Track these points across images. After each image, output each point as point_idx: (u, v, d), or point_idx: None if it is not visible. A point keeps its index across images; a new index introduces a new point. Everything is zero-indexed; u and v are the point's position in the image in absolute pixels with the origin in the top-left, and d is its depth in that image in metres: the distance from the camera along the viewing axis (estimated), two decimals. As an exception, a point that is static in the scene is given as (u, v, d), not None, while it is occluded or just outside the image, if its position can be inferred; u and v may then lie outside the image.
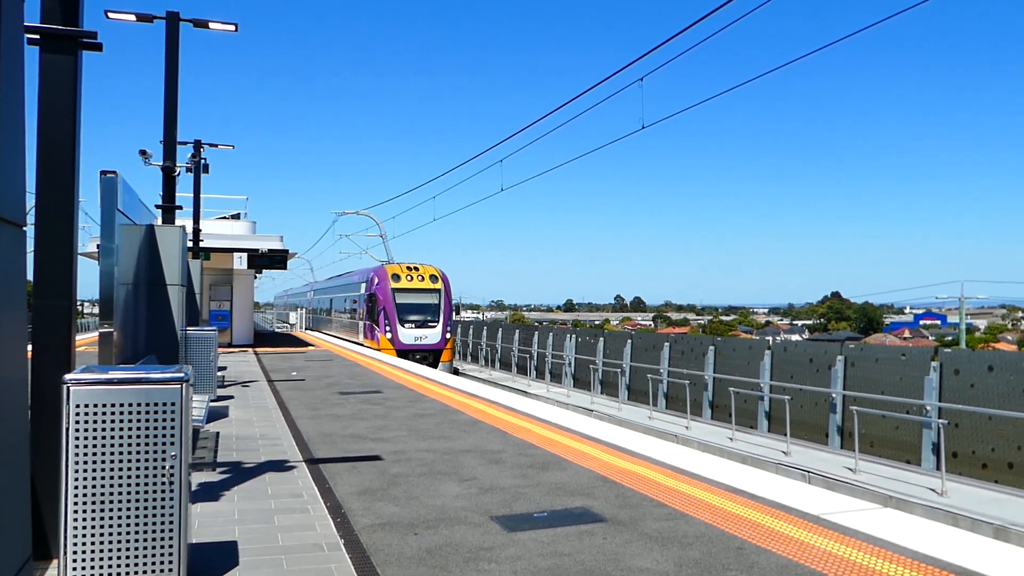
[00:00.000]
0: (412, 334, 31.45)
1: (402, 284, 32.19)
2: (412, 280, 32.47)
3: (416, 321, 31.68)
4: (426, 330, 31.63)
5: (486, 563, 5.31)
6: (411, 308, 31.89)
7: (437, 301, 32.39)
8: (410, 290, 32.20)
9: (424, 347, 31.31)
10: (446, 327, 32.14)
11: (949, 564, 5.26)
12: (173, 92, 13.32)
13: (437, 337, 31.82)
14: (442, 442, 9.93)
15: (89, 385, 4.49)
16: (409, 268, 33.03)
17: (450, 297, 33.10)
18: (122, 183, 7.09)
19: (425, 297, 32.34)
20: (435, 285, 32.76)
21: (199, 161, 20.42)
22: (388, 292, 31.85)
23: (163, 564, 4.55)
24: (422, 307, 32.14)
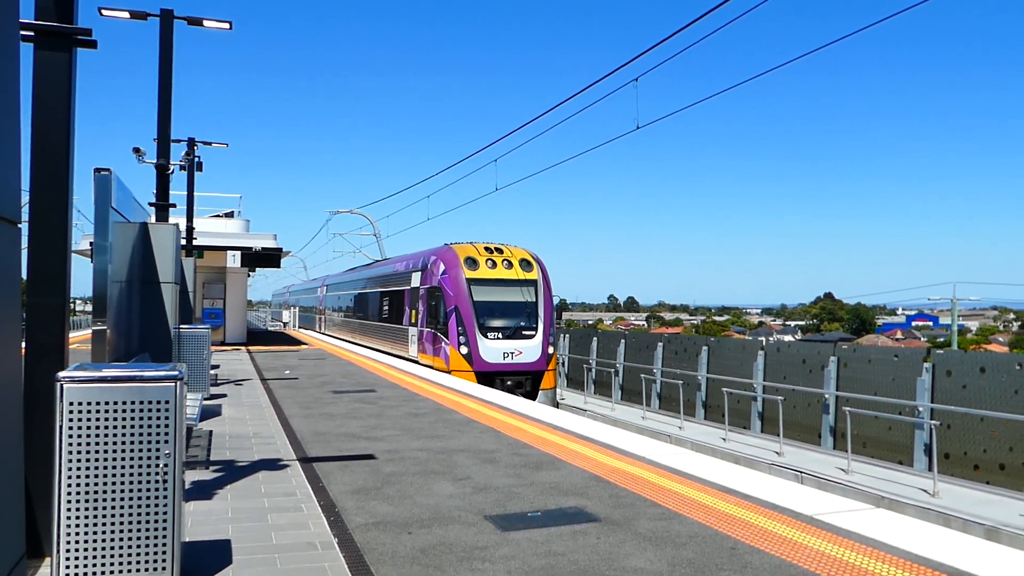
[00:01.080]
0: (499, 348, 21.23)
1: (481, 273, 22.00)
2: (495, 267, 22.23)
3: (504, 329, 21.50)
4: (520, 342, 21.46)
5: (480, 562, 5.31)
6: (497, 309, 21.75)
7: (534, 298, 22.15)
8: (493, 282, 22.06)
9: (518, 368, 21.28)
10: (548, 337, 21.79)
11: (941, 564, 5.28)
12: (167, 90, 13.28)
13: (536, 352, 21.43)
14: (436, 441, 9.93)
15: (83, 383, 4.48)
16: (489, 250, 22.76)
17: (551, 292, 22.68)
18: (116, 181, 7.07)
19: (516, 292, 22.26)
20: (529, 274, 22.44)
21: (193, 159, 20.37)
22: (461, 285, 21.63)
23: (156, 562, 4.54)
24: (513, 307, 22.00)
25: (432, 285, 22.82)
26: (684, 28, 12.02)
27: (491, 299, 21.75)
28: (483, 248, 22.76)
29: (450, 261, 22.36)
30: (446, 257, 22.61)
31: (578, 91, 15.72)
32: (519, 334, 21.58)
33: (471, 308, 21.30)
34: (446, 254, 22.77)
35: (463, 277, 21.70)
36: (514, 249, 23.12)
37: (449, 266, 22.22)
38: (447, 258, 22.56)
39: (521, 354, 21.30)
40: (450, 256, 22.51)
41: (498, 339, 21.28)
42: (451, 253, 22.58)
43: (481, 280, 21.86)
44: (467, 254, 22.30)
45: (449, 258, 22.49)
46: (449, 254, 22.63)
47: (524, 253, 23.06)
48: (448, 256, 22.59)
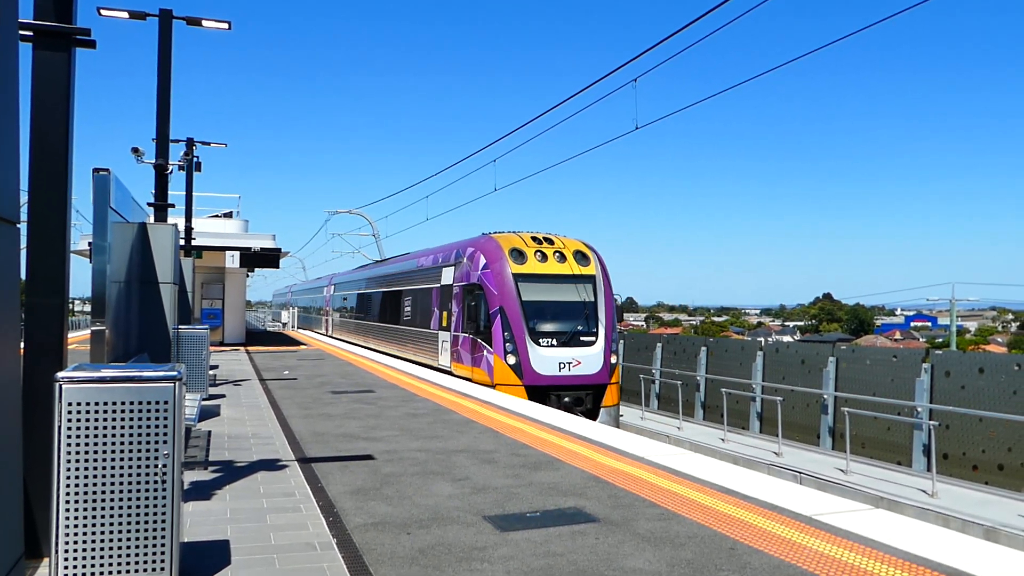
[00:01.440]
0: (554, 358, 17.67)
1: (530, 267, 18.47)
2: (546, 261, 18.72)
3: (559, 334, 18.02)
4: (578, 350, 17.90)
5: (479, 563, 5.31)
6: (549, 310, 18.31)
7: (592, 297, 18.62)
8: (545, 278, 18.54)
9: (576, 381, 17.71)
10: (610, 344, 18.29)
11: (940, 565, 5.28)
12: (166, 90, 13.28)
13: (597, 362, 17.93)
14: (435, 442, 9.93)
15: (81, 383, 4.47)
16: (537, 240, 19.22)
17: (611, 289, 19.11)
18: (115, 181, 7.07)
19: (571, 290, 18.65)
20: (586, 268, 18.93)
21: (191, 159, 20.37)
22: (507, 282, 18.11)
23: (155, 563, 4.53)
24: (569, 308, 18.51)
25: (470, 282, 19.09)
26: (683, 29, 12.02)
27: (543, 298, 18.18)
28: (530, 238, 19.03)
29: (493, 253, 18.52)
30: (487, 249, 18.76)
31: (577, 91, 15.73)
32: (576, 340, 18.00)
33: (519, 309, 17.67)
34: (487, 245, 18.92)
35: (509, 272, 18.03)
36: (566, 239, 19.56)
37: (491, 259, 18.43)
38: (489, 250, 18.70)
39: (579, 364, 17.63)
40: (492, 247, 18.65)
41: (552, 346, 17.71)
42: (493, 244, 18.74)
43: (530, 276, 18.22)
44: (512, 245, 18.55)
45: (491, 250, 18.63)
46: (491, 245, 18.78)
47: (578, 244, 19.44)
48: (490, 247, 18.74)
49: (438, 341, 21.47)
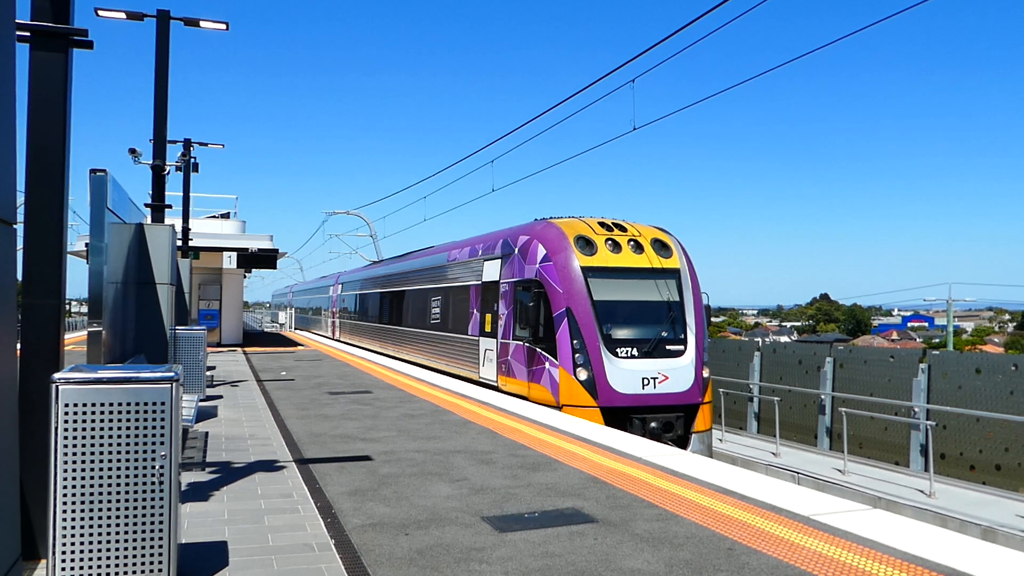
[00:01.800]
0: (636, 372, 14.24)
1: (601, 259, 15.08)
2: (619, 251, 15.31)
3: (641, 343, 14.61)
4: (665, 362, 14.52)
5: (477, 563, 5.30)
6: (628, 313, 14.94)
7: (678, 296, 15.30)
8: (620, 272, 15.15)
9: (664, 401, 14.29)
10: (701, 353, 14.88)
11: (938, 565, 5.28)
12: (163, 90, 13.26)
13: (688, 377, 14.49)
14: (433, 442, 9.92)
15: (78, 384, 4.46)
16: (606, 226, 15.79)
17: (699, 286, 15.69)
18: (112, 181, 7.05)
19: (652, 287, 15.27)
20: (667, 261, 15.53)
21: (189, 160, 20.35)
22: (575, 277, 14.74)
23: (153, 564, 4.52)
24: (651, 310, 15.11)
25: (524, 278, 15.61)
26: (681, 30, 12.03)
27: (619, 297, 14.81)
28: (597, 223, 15.68)
29: (555, 242, 15.17)
30: (547, 237, 15.42)
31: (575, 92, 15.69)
32: (662, 350, 14.57)
33: (591, 311, 14.28)
34: (546, 232, 15.55)
35: (577, 266, 14.67)
36: (639, 225, 16.14)
37: (554, 249, 15.04)
38: (549, 238, 15.35)
39: (667, 380, 14.21)
40: (554, 235, 15.32)
41: (632, 357, 14.26)
42: (555, 231, 15.39)
43: (602, 270, 14.85)
44: (578, 232, 15.21)
45: (552, 238, 15.30)
46: (551, 232, 15.42)
47: (655, 231, 16.09)
48: (551, 235, 15.38)
49: (478, 349, 17.88)
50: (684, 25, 11.88)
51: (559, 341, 14.31)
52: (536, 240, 15.65)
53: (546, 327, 14.73)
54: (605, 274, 14.86)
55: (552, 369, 14.35)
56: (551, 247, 15.17)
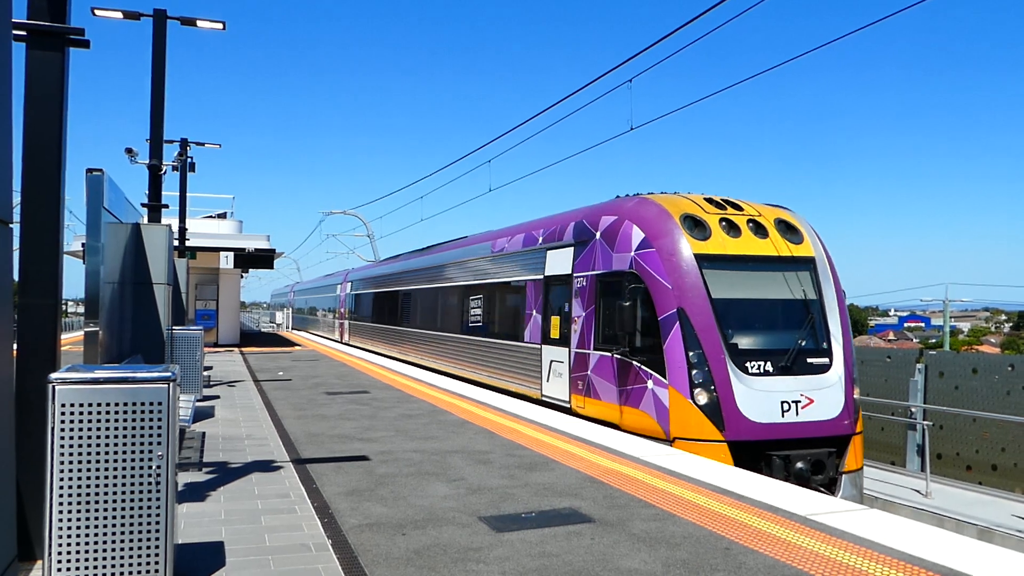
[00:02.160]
0: (772, 393, 10.79)
1: (716, 244, 11.73)
2: (739, 234, 11.97)
3: (776, 354, 11.18)
4: (807, 379, 11.10)
5: (474, 563, 5.30)
6: (757, 314, 11.68)
7: (815, 292, 12.02)
8: (742, 262, 11.80)
9: (809, 432, 10.75)
10: (850, 368, 11.46)
11: (934, 565, 5.29)
12: (160, 90, 13.25)
13: (836, 400, 11.06)
14: (430, 442, 9.91)
15: (75, 384, 4.45)
16: (714, 203, 12.46)
17: (838, 280, 12.42)
18: (108, 181, 7.04)
19: (781, 281, 11.91)
20: (798, 247, 12.23)
21: (185, 160, 20.32)
22: (687, 267, 11.39)
23: (149, 565, 4.51)
24: (783, 310, 11.83)
25: (613, 270, 12.17)
26: (678, 29, 12.03)
27: (744, 295, 11.46)
28: (703, 200, 12.27)
29: (657, 223, 11.73)
30: (645, 216, 11.95)
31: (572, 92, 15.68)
32: (803, 364, 11.15)
33: (711, 313, 10.89)
34: (644, 211, 12.08)
35: (690, 253, 11.25)
36: (757, 205, 12.68)
37: (657, 232, 11.61)
38: (648, 218, 11.88)
39: (811, 404, 10.78)
40: (654, 214, 11.87)
41: (767, 374, 10.88)
42: (655, 209, 11.95)
43: (722, 259, 11.44)
44: (684, 210, 11.81)
45: (652, 218, 11.84)
46: (650, 210, 11.98)
47: (778, 210, 12.63)
48: (649, 214, 11.93)
49: (539, 360, 14.55)
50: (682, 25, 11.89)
51: (669, 352, 10.82)
52: (629, 221, 12.10)
53: (648, 333, 11.30)
54: (725, 264, 11.42)
55: (658, 389, 10.88)
56: (652, 229, 11.67)
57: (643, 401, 11.17)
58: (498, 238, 17.89)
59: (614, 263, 12.25)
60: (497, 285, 17.36)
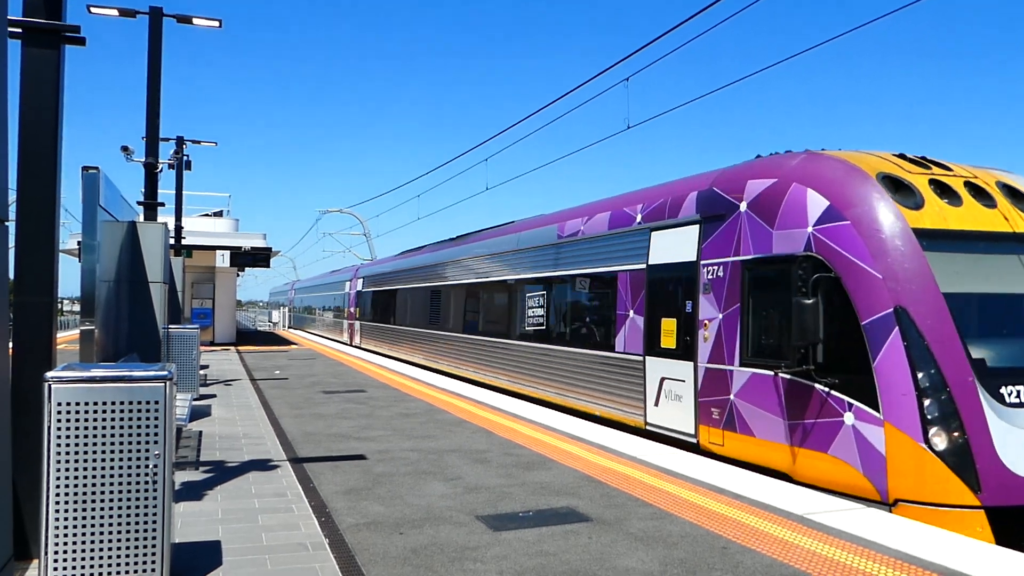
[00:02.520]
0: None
1: (936, 216, 8.16)
2: (959, 202, 8.36)
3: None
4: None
5: (471, 562, 5.29)
6: (1005, 316, 8.13)
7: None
8: (975, 240, 8.17)
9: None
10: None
11: (932, 564, 5.29)
12: (156, 88, 13.21)
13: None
14: (427, 441, 9.90)
15: (71, 383, 4.44)
16: (914, 162, 8.92)
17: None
18: (104, 179, 7.01)
19: (1018, 266, 8.18)
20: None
21: (181, 158, 20.30)
22: (903, 248, 7.87)
23: (146, 564, 4.50)
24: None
25: (775, 254, 9.05)
26: (675, 28, 12.03)
27: (987, 288, 8.37)
28: (895, 157, 9.15)
29: (846, 185, 8.62)
30: (825, 176, 8.87)
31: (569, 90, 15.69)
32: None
33: (947, 316, 7.71)
34: (822, 169, 8.96)
35: (904, 226, 8.14)
36: (971, 168, 9.33)
37: (848, 198, 8.50)
38: (832, 178, 8.80)
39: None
40: (840, 174, 8.77)
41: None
42: (841, 167, 8.84)
43: (946, 236, 8.28)
44: (880, 168, 8.74)
45: (838, 178, 8.76)
46: (834, 169, 8.87)
47: (999, 173, 9.42)
48: (834, 174, 8.83)
49: (643, 378, 11.23)
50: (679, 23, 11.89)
51: (883, 372, 7.63)
52: (799, 184, 8.94)
53: (843, 344, 8.07)
54: (952, 243, 8.22)
55: (865, 427, 7.67)
56: (841, 194, 8.49)
57: (836, 443, 7.91)
58: (567, 219, 14.49)
59: (776, 244, 8.96)
60: (570, 278, 13.97)
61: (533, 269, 15.56)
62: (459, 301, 20.55)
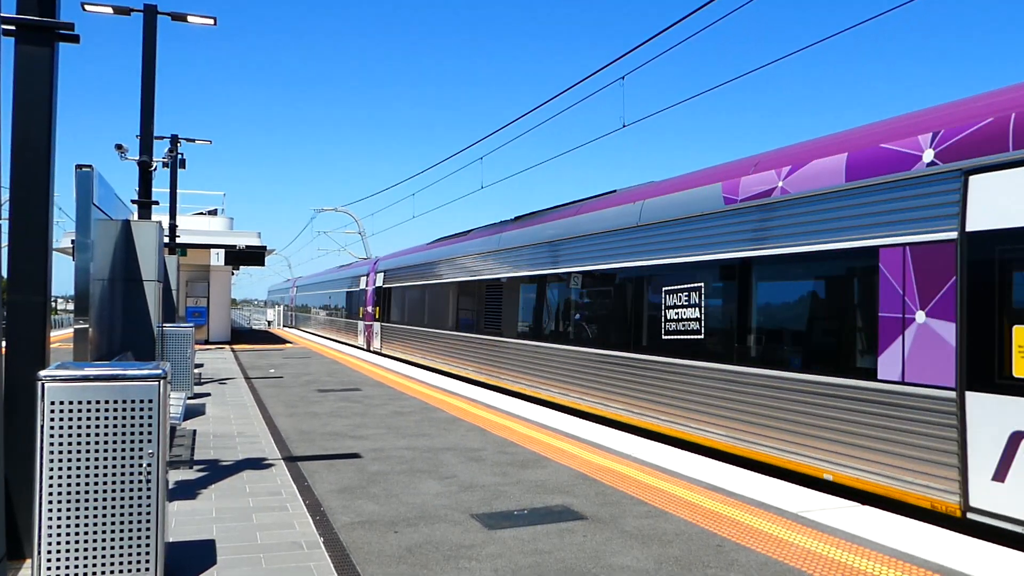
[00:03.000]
0: None
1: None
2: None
3: None
4: None
5: (467, 561, 5.28)
6: None
7: None
8: None
9: None
10: None
11: (927, 562, 5.30)
12: (150, 86, 13.17)
13: None
14: (422, 440, 9.89)
15: (64, 382, 4.42)
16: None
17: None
18: (98, 177, 6.99)
19: None
20: None
21: (176, 156, 20.23)
22: None
23: (140, 563, 4.48)
24: None
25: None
26: (671, 27, 12.02)
27: None
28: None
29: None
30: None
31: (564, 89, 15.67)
32: None
33: None
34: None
35: None
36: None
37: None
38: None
39: None
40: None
41: None
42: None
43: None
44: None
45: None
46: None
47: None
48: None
49: (957, 427, 6.83)
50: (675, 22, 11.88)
51: None
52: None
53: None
54: None
55: None
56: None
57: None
58: (739, 176, 9.98)
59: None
60: (760, 262, 9.49)
61: (674, 251, 11.09)
62: (541, 300, 15.49)
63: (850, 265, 8.15)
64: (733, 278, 9.88)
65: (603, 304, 12.95)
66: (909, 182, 7.55)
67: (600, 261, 13.01)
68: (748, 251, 9.60)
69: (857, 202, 8.11)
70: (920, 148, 7.50)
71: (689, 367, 10.44)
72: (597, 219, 13.39)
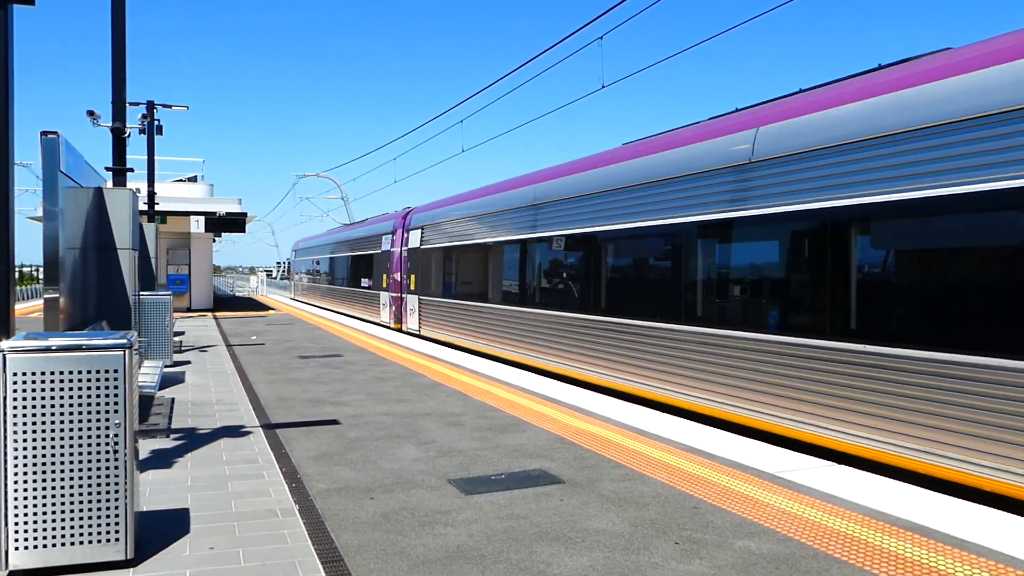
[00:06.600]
0: None
1: None
2: None
3: None
4: None
5: (442, 526, 5.28)
6: None
7: None
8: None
9: None
10: None
11: (897, 519, 5.34)
12: (120, 48, 12.86)
13: None
14: (402, 405, 9.87)
15: (27, 353, 4.34)
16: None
17: None
18: (65, 144, 6.85)
19: None
20: None
21: (152, 122, 19.91)
22: None
23: (109, 533, 4.44)
24: None
25: None
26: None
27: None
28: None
29: None
30: None
31: (543, 50, 15.48)
32: None
33: None
34: None
35: None
36: None
37: None
38: None
39: None
40: None
41: None
42: None
43: None
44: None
45: None
46: None
47: None
48: None
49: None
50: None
51: None
52: None
53: None
54: None
55: None
56: None
57: None
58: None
59: None
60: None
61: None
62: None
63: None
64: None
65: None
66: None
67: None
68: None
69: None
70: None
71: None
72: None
